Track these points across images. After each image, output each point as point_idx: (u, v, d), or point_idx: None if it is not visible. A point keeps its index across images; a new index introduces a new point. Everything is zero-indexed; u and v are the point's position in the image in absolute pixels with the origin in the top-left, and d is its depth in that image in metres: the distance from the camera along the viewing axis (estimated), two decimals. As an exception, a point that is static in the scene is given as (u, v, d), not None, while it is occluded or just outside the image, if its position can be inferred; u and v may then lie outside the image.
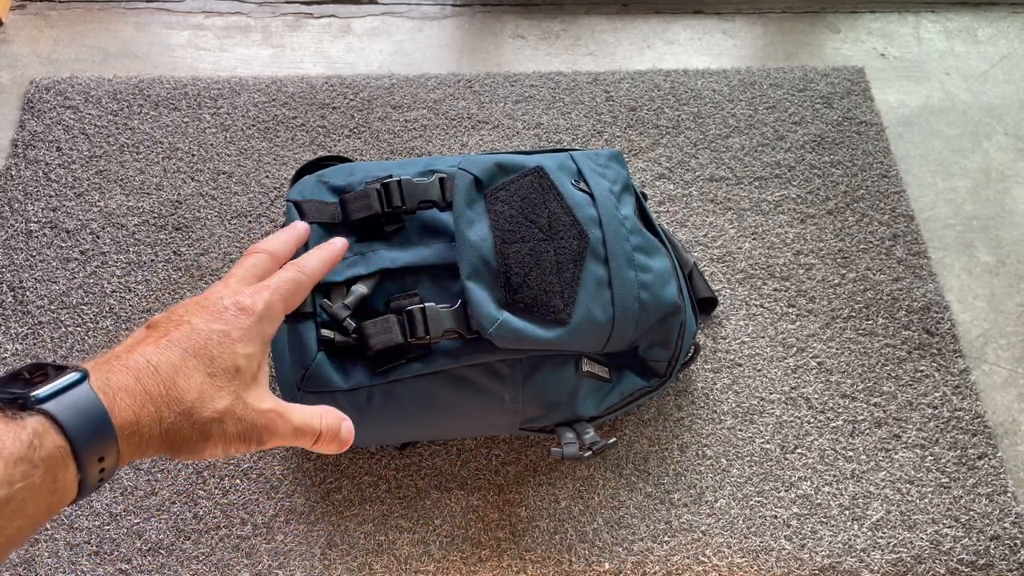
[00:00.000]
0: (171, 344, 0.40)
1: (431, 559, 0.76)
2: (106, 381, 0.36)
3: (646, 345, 0.72)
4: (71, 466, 0.34)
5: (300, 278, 0.49)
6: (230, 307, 0.44)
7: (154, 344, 0.40)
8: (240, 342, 0.43)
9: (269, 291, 0.46)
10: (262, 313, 0.45)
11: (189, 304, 0.44)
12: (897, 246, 0.96)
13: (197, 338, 0.41)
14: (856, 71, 1.11)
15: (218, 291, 0.45)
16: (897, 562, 0.77)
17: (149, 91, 1.02)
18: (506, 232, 0.66)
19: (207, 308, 0.43)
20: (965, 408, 0.86)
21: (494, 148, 1.01)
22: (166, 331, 0.41)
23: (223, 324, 0.43)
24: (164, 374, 0.39)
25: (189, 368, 0.40)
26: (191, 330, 0.41)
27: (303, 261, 0.50)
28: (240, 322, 0.43)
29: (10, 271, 0.89)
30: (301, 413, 0.46)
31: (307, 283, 0.49)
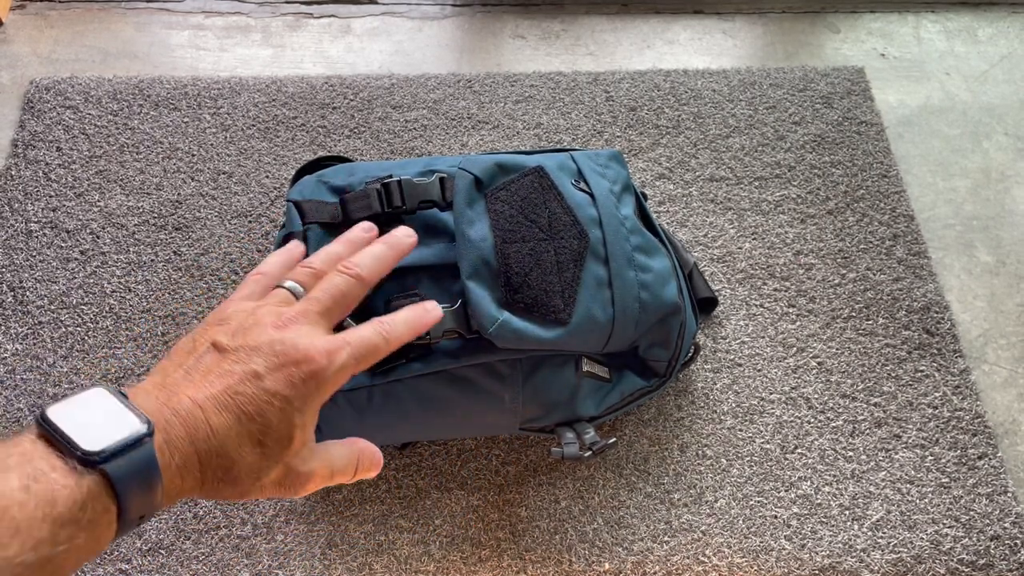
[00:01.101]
0: (232, 403, 0.38)
1: (431, 559, 0.76)
2: (165, 438, 0.36)
3: (646, 345, 0.72)
4: (113, 525, 0.34)
5: (380, 345, 0.44)
6: (302, 367, 0.40)
7: (214, 389, 0.38)
8: (300, 411, 0.40)
9: (348, 353, 0.42)
10: (331, 381, 0.42)
11: (263, 329, 0.41)
12: (897, 246, 0.96)
13: (259, 400, 0.39)
14: (856, 71, 1.11)
15: (294, 325, 0.42)
16: (897, 562, 0.77)
17: (149, 91, 1.02)
18: (506, 232, 0.66)
19: (278, 355, 0.40)
20: (965, 408, 0.86)
21: (494, 148, 1.01)
22: (230, 372, 0.39)
23: (289, 389, 0.40)
24: (218, 440, 0.37)
25: (242, 437, 0.38)
26: (255, 387, 0.39)
27: (393, 325, 0.45)
28: (306, 389, 0.40)
29: (10, 271, 0.89)
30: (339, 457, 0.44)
31: (385, 351, 0.45)
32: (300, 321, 0.43)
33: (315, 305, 0.44)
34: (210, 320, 0.43)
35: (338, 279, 0.46)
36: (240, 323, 0.42)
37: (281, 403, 0.39)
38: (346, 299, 0.45)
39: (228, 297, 0.46)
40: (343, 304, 0.45)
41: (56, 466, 0.32)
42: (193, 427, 0.37)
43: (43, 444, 0.33)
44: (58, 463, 0.32)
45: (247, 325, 0.42)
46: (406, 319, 0.46)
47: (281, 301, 0.45)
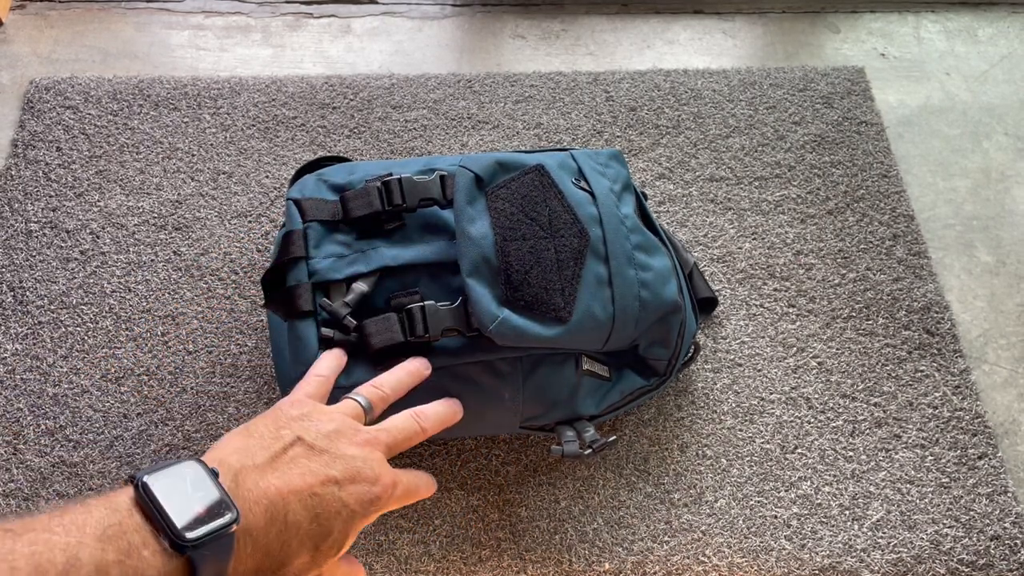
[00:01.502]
0: (311, 501, 0.41)
1: (431, 559, 0.76)
2: (245, 524, 0.38)
3: (646, 344, 0.72)
4: None
5: (420, 490, 0.50)
6: (372, 489, 0.44)
7: (302, 488, 0.41)
8: (355, 528, 0.44)
9: (402, 489, 0.47)
10: (384, 507, 0.46)
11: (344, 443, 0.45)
12: (897, 246, 0.96)
13: (331, 506, 0.42)
14: (856, 71, 1.11)
15: (371, 448, 0.46)
16: (897, 562, 0.77)
17: (149, 91, 1.02)
18: (507, 230, 0.66)
19: (356, 471, 0.44)
20: (965, 408, 0.86)
21: (494, 148, 1.01)
22: (314, 472, 0.42)
23: (357, 505, 0.43)
24: (288, 535, 0.40)
25: (307, 536, 0.40)
26: (332, 493, 0.42)
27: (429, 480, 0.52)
28: (368, 510, 0.44)
29: (10, 271, 0.89)
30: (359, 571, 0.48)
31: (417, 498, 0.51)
32: (374, 445, 0.47)
33: (387, 437, 0.48)
34: (288, 410, 0.46)
35: (410, 424, 0.51)
36: (323, 426, 0.46)
37: (347, 515, 0.42)
38: (408, 442, 0.51)
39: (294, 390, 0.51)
40: (404, 446, 0.50)
41: (148, 543, 0.34)
42: (273, 518, 0.39)
43: (139, 515, 0.35)
44: (151, 541, 0.34)
45: (329, 431, 0.45)
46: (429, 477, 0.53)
47: (354, 415, 0.49)
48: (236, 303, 0.88)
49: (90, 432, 0.80)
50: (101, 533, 0.33)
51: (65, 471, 0.78)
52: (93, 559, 0.32)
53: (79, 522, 0.34)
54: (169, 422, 0.81)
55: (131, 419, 0.81)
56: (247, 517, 0.38)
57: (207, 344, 0.85)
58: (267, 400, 0.82)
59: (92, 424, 0.80)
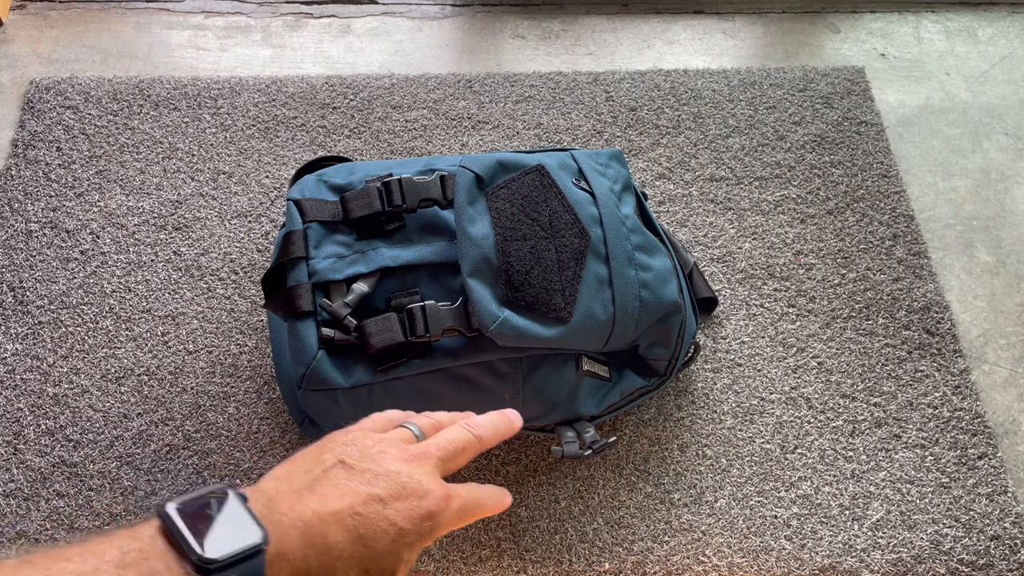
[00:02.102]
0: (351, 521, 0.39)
1: (431, 559, 0.76)
2: (279, 548, 0.36)
3: (646, 344, 0.72)
4: None
5: (482, 504, 0.47)
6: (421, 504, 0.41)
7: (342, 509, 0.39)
8: (409, 547, 0.41)
9: (459, 504, 0.44)
10: (440, 526, 0.43)
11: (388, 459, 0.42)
12: (897, 246, 0.96)
13: (377, 526, 0.39)
14: (856, 71, 1.11)
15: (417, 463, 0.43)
16: (897, 562, 0.77)
17: (149, 91, 1.02)
18: (507, 230, 0.66)
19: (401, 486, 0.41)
20: (965, 408, 0.86)
21: (494, 148, 1.01)
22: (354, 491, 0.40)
23: (407, 523, 0.40)
24: (330, 559, 0.38)
25: (351, 561, 0.38)
26: (376, 511, 0.40)
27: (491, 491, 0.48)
28: (421, 526, 0.41)
29: (10, 271, 0.88)
30: None
31: (480, 515, 0.47)
32: (423, 460, 0.44)
33: (437, 450, 0.45)
34: (335, 437, 0.45)
35: (461, 433, 0.48)
36: (366, 447, 0.43)
37: (396, 534, 0.40)
38: (463, 454, 0.47)
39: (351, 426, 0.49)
40: (459, 458, 0.47)
41: (172, 568, 0.33)
42: (310, 542, 0.37)
43: (163, 541, 0.34)
44: (174, 566, 0.33)
45: (373, 451, 0.43)
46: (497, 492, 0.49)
47: (404, 439, 0.46)
48: (236, 303, 0.88)
49: (90, 432, 0.80)
50: (120, 560, 0.32)
51: (65, 471, 0.78)
52: None
53: (98, 550, 0.33)
54: (169, 422, 0.81)
55: (131, 419, 0.81)
56: (281, 542, 0.36)
57: (207, 344, 0.85)
58: (267, 400, 0.82)
59: (92, 424, 0.80)
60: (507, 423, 0.52)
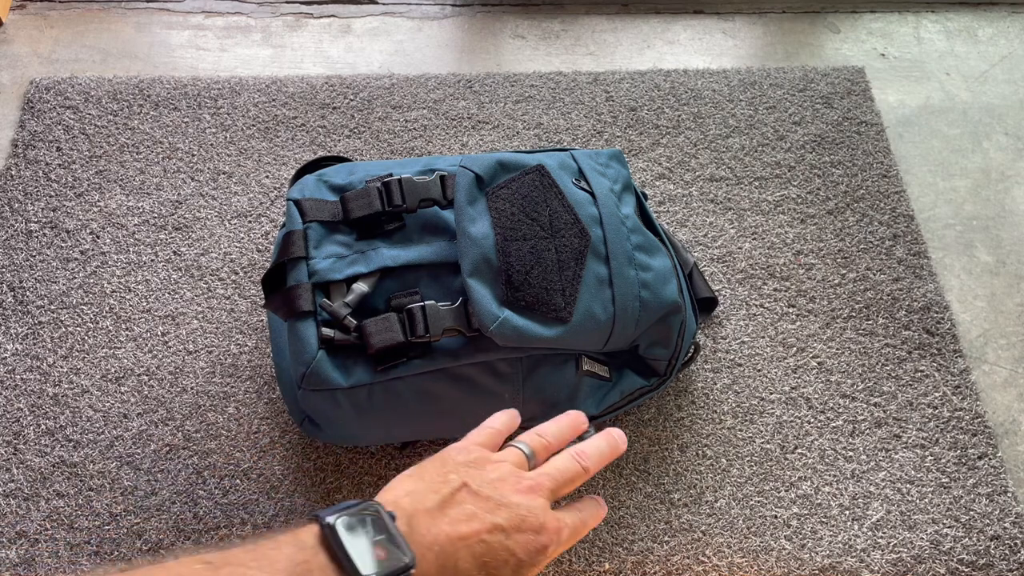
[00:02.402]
0: (478, 549, 0.41)
1: (431, 559, 0.76)
2: (419, 572, 0.38)
3: (646, 344, 0.72)
4: None
5: (582, 529, 0.49)
6: (539, 536, 0.43)
7: (469, 535, 0.41)
8: (528, 573, 0.43)
9: (568, 533, 0.46)
10: (552, 554, 0.45)
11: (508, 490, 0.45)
12: (897, 246, 0.96)
13: (499, 556, 0.41)
14: (856, 71, 1.11)
15: (534, 494, 0.45)
16: (897, 562, 0.77)
17: (149, 91, 1.02)
18: (508, 230, 0.66)
19: (521, 519, 0.43)
20: (965, 408, 0.86)
21: (494, 148, 1.01)
22: (482, 523, 0.42)
23: (524, 554, 0.42)
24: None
25: None
26: (499, 541, 0.42)
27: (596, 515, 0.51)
28: (536, 559, 0.43)
29: (10, 271, 0.88)
30: None
31: (582, 535, 0.50)
32: (537, 492, 0.46)
33: (549, 482, 0.47)
34: (455, 456, 0.47)
35: (571, 465, 0.50)
36: (488, 473, 0.45)
37: (515, 564, 0.42)
38: (571, 484, 0.50)
39: (464, 437, 0.50)
40: (568, 489, 0.49)
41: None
42: (442, 567, 0.40)
43: (324, 554, 0.36)
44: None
45: (494, 478, 0.45)
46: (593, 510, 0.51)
47: (517, 463, 0.48)
48: (236, 303, 0.88)
49: (90, 432, 0.80)
50: (291, 570, 0.35)
51: (65, 471, 0.78)
52: None
53: (271, 557, 0.35)
54: (169, 422, 0.81)
55: (131, 419, 0.81)
56: (421, 564, 0.38)
57: (207, 344, 0.85)
58: (267, 400, 0.82)
59: (92, 424, 0.80)
60: (613, 447, 0.53)
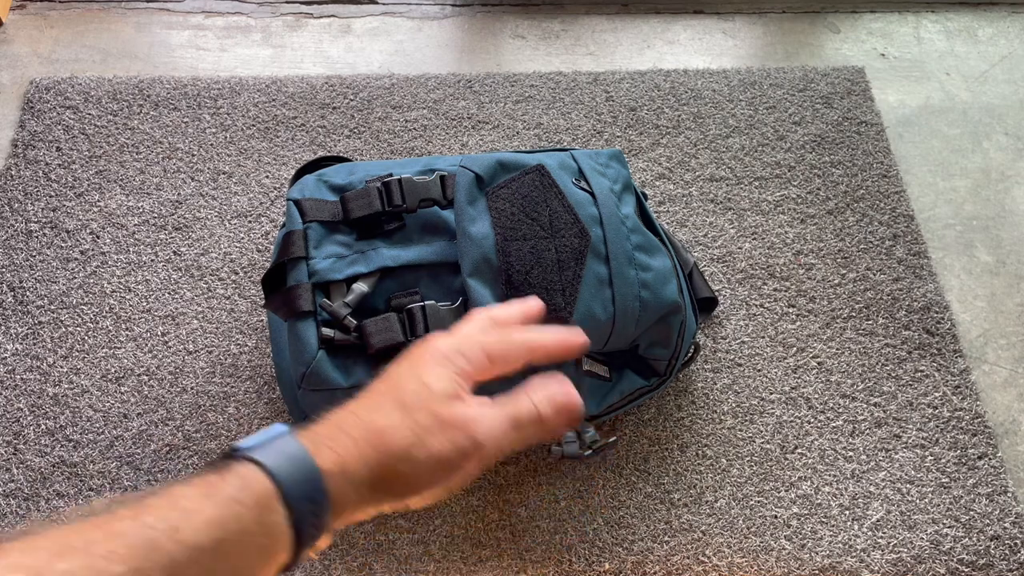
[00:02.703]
0: (413, 433, 0.40)
1: (431, 559, 0.76)
2: (309, 433, 0.37)
3: (646, 344, 0.72)
4: (280, 509, 0.34)
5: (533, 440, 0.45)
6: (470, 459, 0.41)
7: (397, 421, 0.40)
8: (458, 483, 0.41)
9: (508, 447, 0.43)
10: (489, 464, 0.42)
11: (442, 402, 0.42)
12: (897, 246, 0.96)
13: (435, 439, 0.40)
14: (856, 71, 1.11)
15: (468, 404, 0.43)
16: (897, 562, 0.77)
17: (149, 91, 1.02)
18: (508, 230, 0.66)
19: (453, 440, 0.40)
20: (965, 408, 0.86)
21: (494, 148, 1.01)
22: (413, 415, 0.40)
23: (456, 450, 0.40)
24: (363, 415, 0.39)
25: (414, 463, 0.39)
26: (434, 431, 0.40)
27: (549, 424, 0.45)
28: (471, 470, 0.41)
29: (10, 271, 0.88)
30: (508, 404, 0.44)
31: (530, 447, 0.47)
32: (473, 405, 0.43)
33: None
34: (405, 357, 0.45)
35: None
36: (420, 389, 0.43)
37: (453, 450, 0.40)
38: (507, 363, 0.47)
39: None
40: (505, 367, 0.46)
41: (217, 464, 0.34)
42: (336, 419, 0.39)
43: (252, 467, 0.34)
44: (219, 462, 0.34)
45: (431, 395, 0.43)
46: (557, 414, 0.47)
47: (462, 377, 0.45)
48: (236, 303, 0.88)
49: (90, 432, 0.80)
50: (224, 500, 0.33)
51: (65, 471, 0.78)
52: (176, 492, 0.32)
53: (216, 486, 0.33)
54: (169, 422, 0.81)
55: (131, 419, 0.81)
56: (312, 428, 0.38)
57: (207, 344, 0.85)
58: (267, 400, 0.82)
59: (92, 424, 0.80)
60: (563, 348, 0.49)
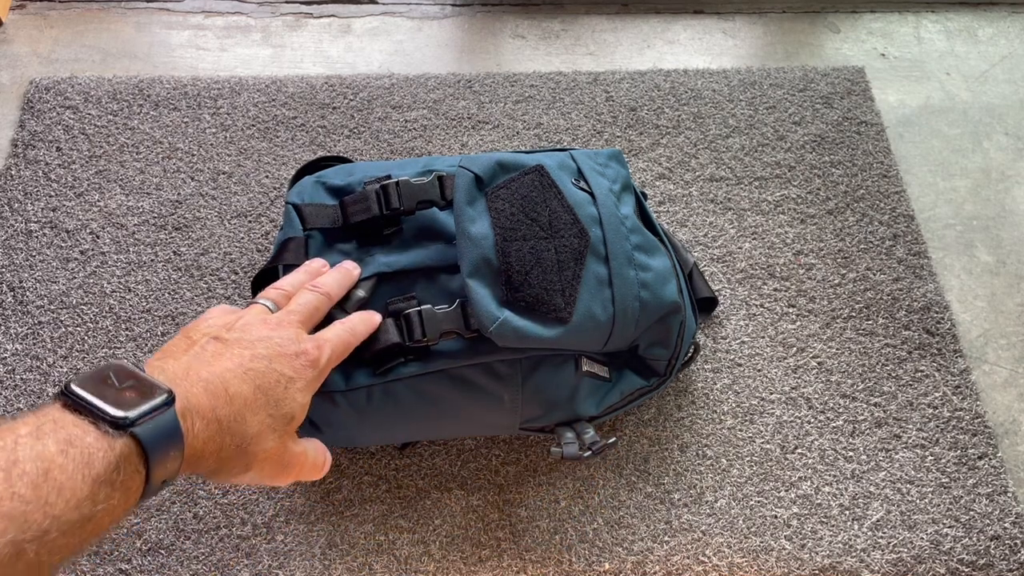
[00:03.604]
0: (247, 375, 0.42)
1: (431, 559, 0.76)
2: (186, 403, 0.38)
3: (646, 344, 0.72)
4: (141, 488, 0.36)
5: (350, 339, 0.53)
6: (300, 356, 0.47)
7: (230, 364, 0.42)
8: (301, 392, 0.46)
9: (330, 346, 0.50)
10: (323, 368, 0.48)
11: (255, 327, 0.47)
12: (897, 246, 0.96)
13: (269, 377, 0.44)
14: (856, 71, 1.11)
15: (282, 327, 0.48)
16: (897, 562, 0.77)
17: (149, 91, 1.02)
18: (507, 230, 0.66)
19: (277, 346, 0.46)
20: (965, 408, 0.86)
21: (494, 148, 1.01)
22: (240, 355, 0.44)
23: (292, 371, 0.45)
24: (236, 406, 0.41)
25: (258, 405, 0.42)
26: (265, 365, 0.44)
27: (354, 325, 0.55)
28: (305, 373, 0.46)
29: (10, 271, 0.89)
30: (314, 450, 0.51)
31: (355, 343, 0.55)
32: (286, 325, 0.49)
33: (295, 316, 0.51)
34: (194, 325, 0.48)
35: (311, 296, 0.54)
36: (229, 322, 0.48)
37: (287, 382, 0.45)
38: (318, 312, 0.54)
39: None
40: (315, 316, 0.54)
41: (89, 431, 0.34)
42: (215, 394, 0.40)
43: (71, 413, 0.35)
44: (91, 428, 0.34)
45: (238, 325, 0.47)
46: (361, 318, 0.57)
47: (259, 312, 0.51)
48: (236, 303, 0.88)
49: (90, 432, 0.80)
50: (36, 431, 0.33)
51: (65, 471, 0.78)
52: (33, 453, 0.31)
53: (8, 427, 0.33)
54: (169, 422, 0.81)
55: (131, 419, 0.81)
56: (188, 398, 0.38)
57: (207, 344, 0.85)
58: (267, 400, 0.83)
59: (92, 424, 0.80)
60: (347, 274, 0.60)
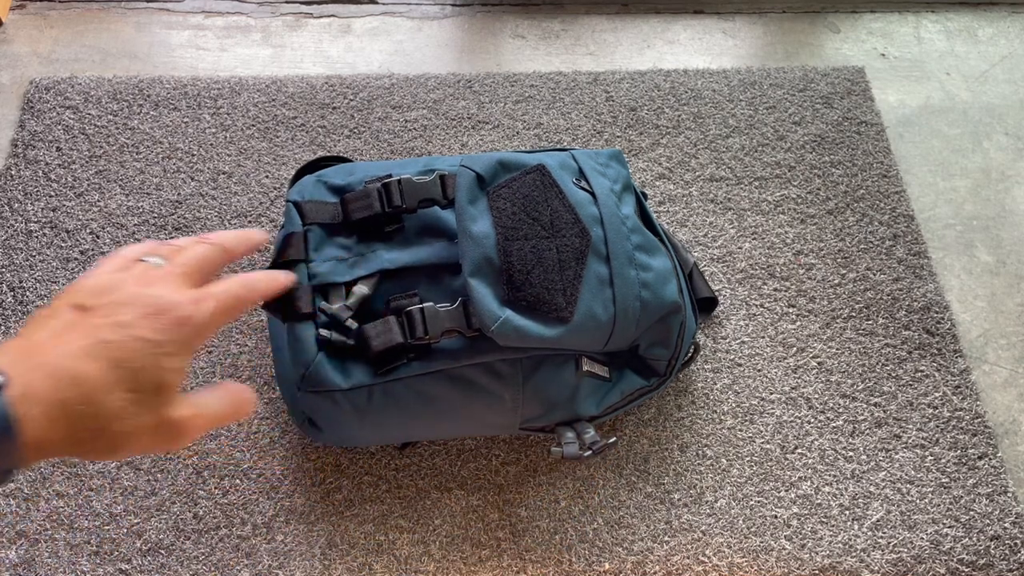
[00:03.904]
0: (100, 350, 0.38)
1: (431, 559, 0.76)
2: (24, 390, 0.36)
3: (646, 344, 0.72)
4: None
5: (242, 293, 0.46)
6: (168, 313, 0.41)
7: (81, 342, 0.38)
8: (171, 356, 0.41)
9: (215, 300, 0.44)
10: (200, 328, 0.42)
11: (125, 287, 0.42)
12: (897, 246, 0.96)
13: (128, 348, 0.39)
14: (856, 71, 1.11)
15: (157, 283, 0.43)
16: (897, 562, 0.77)
17: (149, 91, 1.02)
18: (508, 229, 0.66)
19: (145, 306, 0.41)
20: (965, 408, 0.86)
21: (494, 148, 1.01)
22: (96, 326, 0.39)
23: (158, 334, 0.40)
24: (84, 388, 0.37)
25: (112, 383, 0.38)
26: (123, 334, 0.39)
27: (251, 279, 0.48)
28: (175, 333, 0.41)
29: (10, 271, 0.88)
30: (212, 401, 0.45)
31: (249, 304, 0.48)
32: (164, 280, 0.43)
33: (177, 268, 0.45)
34: (68, 288, 0.43)
35: (200, 247, 0.47)
36: (100, 284, 0.43)
37: (151, 347, 0.40)
38: (208, 263, 0.47)
39: None
40: (205, 269, 0.47)
41: None
42: (57, 377, 0.37)
43: None
44: None
45: (108, 286, 0.42)
46: (263, 276, 0.49)
47: (142, 271, 0.45)
48: (236, 303, 0.88)
49: (90, 432, 0.80)
50: None
51: (65, 471, 0.78)
52: None
53: None
54: (169, 422, 0.81)
55: (131, 419, 0.81)
56: (29, 385, 0.36)
57: (207, 344, 0.85)
58: (267, 400, 0.82)
59: (92, 424, 0.80)
60: (247, 232, 0.52)
